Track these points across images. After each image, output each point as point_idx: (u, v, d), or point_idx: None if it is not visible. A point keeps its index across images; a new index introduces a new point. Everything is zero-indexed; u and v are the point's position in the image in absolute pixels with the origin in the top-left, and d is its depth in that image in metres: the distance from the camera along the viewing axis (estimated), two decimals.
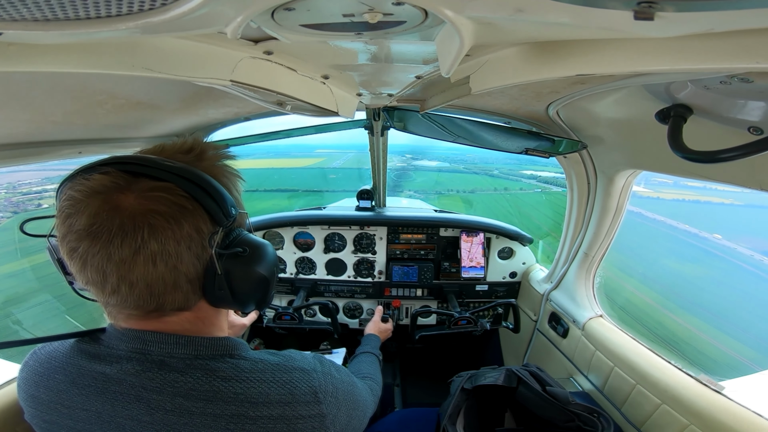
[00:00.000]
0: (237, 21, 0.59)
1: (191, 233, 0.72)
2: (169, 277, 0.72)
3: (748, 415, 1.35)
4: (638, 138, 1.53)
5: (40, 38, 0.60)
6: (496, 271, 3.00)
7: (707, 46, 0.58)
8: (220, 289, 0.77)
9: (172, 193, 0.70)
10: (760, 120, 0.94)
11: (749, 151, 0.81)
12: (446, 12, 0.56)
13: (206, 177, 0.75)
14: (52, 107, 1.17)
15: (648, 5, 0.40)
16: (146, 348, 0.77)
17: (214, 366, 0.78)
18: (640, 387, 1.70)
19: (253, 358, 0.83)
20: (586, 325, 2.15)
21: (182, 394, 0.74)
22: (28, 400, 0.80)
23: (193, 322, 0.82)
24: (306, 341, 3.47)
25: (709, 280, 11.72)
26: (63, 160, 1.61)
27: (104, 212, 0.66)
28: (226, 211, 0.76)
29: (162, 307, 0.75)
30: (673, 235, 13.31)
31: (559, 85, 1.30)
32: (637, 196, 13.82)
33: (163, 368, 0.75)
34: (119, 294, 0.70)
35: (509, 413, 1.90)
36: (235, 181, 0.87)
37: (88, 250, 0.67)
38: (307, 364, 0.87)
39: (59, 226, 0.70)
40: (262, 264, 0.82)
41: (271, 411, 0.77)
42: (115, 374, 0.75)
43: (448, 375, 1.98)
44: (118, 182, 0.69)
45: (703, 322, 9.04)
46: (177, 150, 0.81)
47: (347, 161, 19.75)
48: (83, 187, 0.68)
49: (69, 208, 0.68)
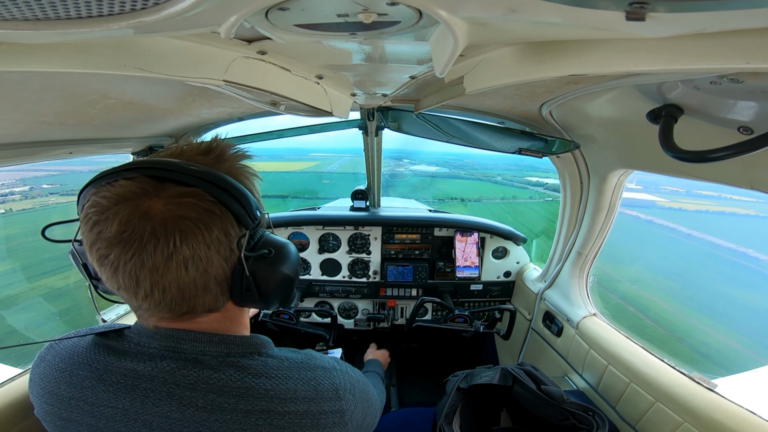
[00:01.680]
0: (230, 21, 0.59)
1: (220, 237, 0.73)
2: (200, 281, 0.73)
3: (740, 412, 1.36)
4: (630, 138, 1.54)
5: (31, 38, 0.59)
6: (491, 271, 3.01)
7: (698, 47, 0.58)
8: (247, 290, 0.79)
9: (200, 198, 0.71)
10: (749, 120, 0.95)
11: (739, 150, 0.82)
12: (440, 12, 0.56)
13: (231, 181, 0.76)
14: (43, 107, 1.16)
15: (640, 6, 0.40)
16: (180, 346, 0.78)
17: (245, 363, 0.80)
18: (634, 385, 1.71)
19: (279, 356, 0.85)
20: (580, 323, 2.16)
21: (215, 391, 0.75)
22: (44, 396, 0.79)
23: (222, 322, 0.84)
24: (301, 341, 3.47)
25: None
26: (54, 161, 1.60)
27: (135, 219, 0.66)
28: (252, 213, 0.77)
29: (193, 309, 0.76)
30: (726, 258, 11.43)
31: (553, 84, 1.31)
32: (657, 207, 12.76)
33: (197, 365, 0.77)
34: (152, 298, 0.71)
35: (505, 412, 1.90)
36: (254, 181, 0.88)
37: (120, 257, 0.67)
38: (327, 362, 0.90)
39: (86, 233, 0.70)
40: (287, 264, 0.84)
41: (298, 407, 0.79)
42: (148, 371, 0.76)
43: (444, 374, 1.98)
44: (146, 188, 0.69)
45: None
46: (196, 152, 0.81)
47: (342, 165, 19.34)
48: (110, 194, 0.68)
49: (96, 215, 0.68)
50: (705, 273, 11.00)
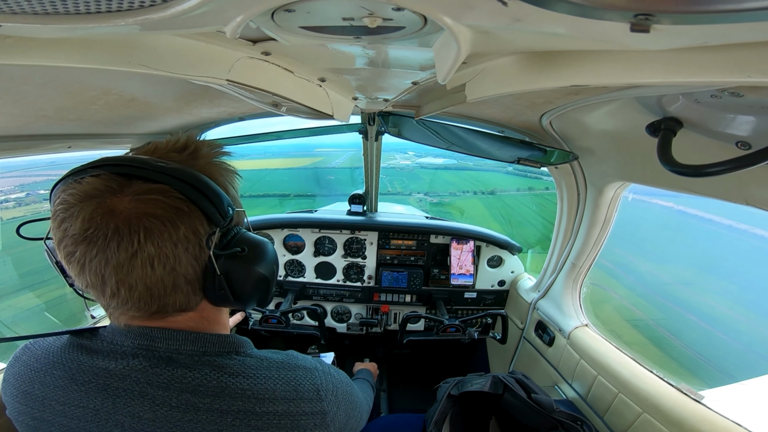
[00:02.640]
0: (237, 21, 0.59)
1: (188, 235, 0.72)
2: (168, 279, 0.71)
3: (726, 424, 1.37)
4: (628, 150, 1.55)
5: (38, 32, 0.59)
6: (485, 279, 3.01)
7: (700, 60, 0.59)
8: (220, 290, 0.77)
9: (167, 195, 0.70)
10: (748, 135, 0.96)
11: (736, 165, 0.82)
12: (445, 19, 0.57)
13: (201, 177, 0.75)
14: (43, 102, 1.16)
15: (645, 17, 0.40)
16: (153, 344, 0.76)
17: (221, 362, 0.78)
18: (622, 396, 1.72)
19: (258, 356, 0.84)
20: (571, 334, 2.17)
21: (190, 390, 0.74)
22: (17, 396, 0.78)
23: (197, 321, 0.82)
24: (293, 345, 3.44)
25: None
26: (51, 154, 1.59)
27: (98, 216, 0.65)
28: (222, 211, 0.76)
29: (164, 308, 0.75)
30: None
31: (554, 95, 1.32)
32: (683, 195, 11.71)
33: (171, 364, 0.75)
34: (119, 297, 0.70)
35: (494, 420, 1.90)
36: (232, 178, 0.86)
37: (85, 255, 0.66)
38: (309, 363, 0.88)
39: (54, 231, 0.69)
40: (262, 263, 0.82)
41: (277, 407, 0.77)
42: (120, 370, 0.74)
43: (435, 381, 1.98)
44: (111, 185, 0.68)
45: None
46: (170, 149, 0.80)
47: (346, 160, 18.98)
48: (76, 191, 0.67)
49: (63, 213, 0.67)
50: (761, 272, 9.41)
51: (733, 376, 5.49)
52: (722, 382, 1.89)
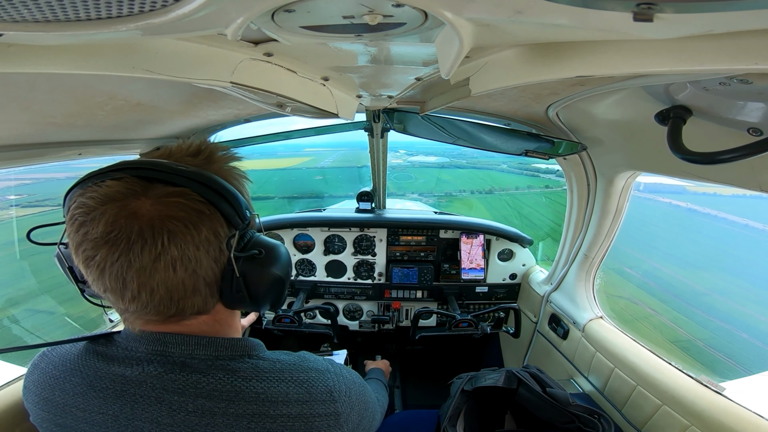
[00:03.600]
0: (237, 22, 0.59)
1: (209, 237, 0.73)
2: (189, 282, 0.72)
3: (748, 416, 1.35)
4: (638, 139, 1.53)
5: (41, 39, 0.60)
6: (496, 273, 3.00)
7: (706, 48, 0.58)
8: (237, 291, 0.78)
9: (189, 198, 0.71)
10: (759, 121, 0.94)
11: (749, 152, 0.81)
12: (446, 14, 0.56)
13: (220, 180, 0.76)
14: (52, 109, 1.17)
15: (647, 6, 0.40)
16: (167, 350, 0.77)
17: (234, 366, 0.79)
18: (640, 388, 1.70)
19: (270, 359, 0.84)
20: (586, 326, 2.15)
21: (205, 395, 0.75)
22: (39, 403, 0.80)
23: (211, 325, 0.83)
24: (305, 343, 3.47)
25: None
26: (63, 162, 1.61)
27: (122, 219, 0.66)
28: (241, 214, 0.77)
29: (182, 311, 0.76)
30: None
31: (559, 86, 1.30)
32: (690, 192, 9.91)
33: (185, 369, 0.76)
34: (140, 300, 0.71)
35: (509, 415, 1.89)
36: (243, 182, 0.88)
37: (107, 258, 0.67)
38: (321, 365, 0.89)
39: (72, 235, 0.69)
40: (278, 265, 0.83)
41: (290, 409, 0.78)
42: (136, 376, 0.75)
43: (448, 377, 1.98)
44: (134, 188, 0.68)
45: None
46: (184, 153, 0.81)
47: (336, 160, 18.39)
48: (96, 194, 0.67)
49: (82, 216, 0.67)
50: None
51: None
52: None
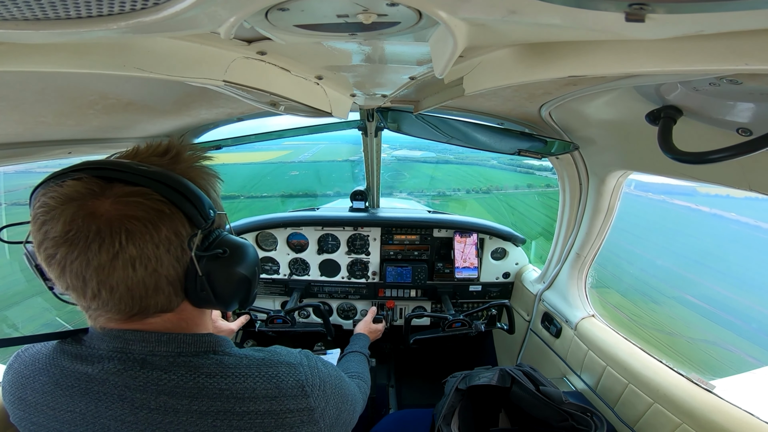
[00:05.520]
0: (230, 21, 0.58)
1: (170, 236, 0.72)
2: (149, 281, 0.72)
3: (739, 413, 1.36)
4: (629, 139, 1.54)
5: (31, 38, 0.59)
6: (490, 272, 3.01)
7: (697, 48, 0.58)
8: (201, 291, 0.78)
9: (148, 197, 0.70)
10: (748, 121, 0.95)
11: (738, 152, 0.82)
12: (440, 13, 0.56)
13: (182, 180, 0.75)
14: (42, 108, 1.16)
15: (639, 7, 0.40)
16: (127, 347, 0.77)
17: (197, 363, 0.78)
18: (632, 386, 1.72)
19: (237, 354, 0.84)
20: (578, 325, 2.17)
21: (167, 392, 0.74)
22: (15, 402, 0.80)
23: (176, 323, 0.82)
24: (300, 343, 3.46)
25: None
26: (52, 161, 1.60)
27: (80, 218, 0.66)
28: (204, 213, 0.76)
29: (145, 310, 0.76)
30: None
31: (552, 86, 1.31)
32: (701, 194, 9.14)
33: (145, 366, 0.76)
34: (100, 298, 0.71)
35: (503, 413, 1.90)
36: (213, 182, 0.87)
37: (66, 257, 0.67)
38: (293, 358, 0.88)
39: (34, 233, 0.69)
40: (243, 264, 0.83)
41: (258, 406, 0.77)
42: (98, 374, 0.75)
43: (443, 375, 1.98)
44: (93, 188, 0.68)
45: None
46: (151, 153, 0.81)
47: (315, 154, 17.62)
48: (57, 194, 0.68)
49: (43, 215, 0.67)
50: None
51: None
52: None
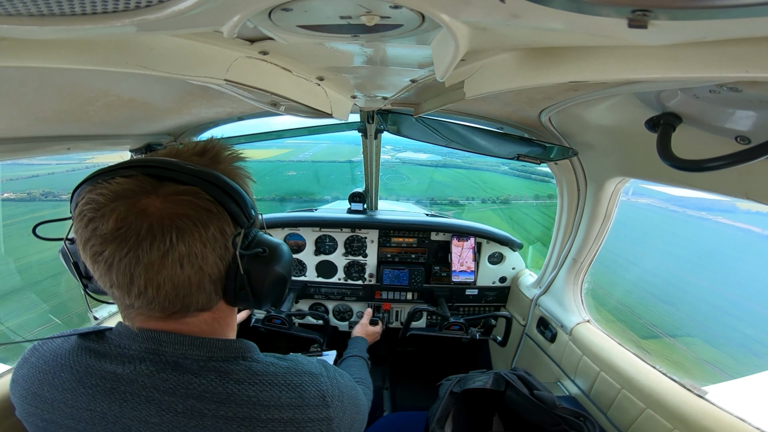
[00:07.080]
0: (234, 20, 0.59)
1: (216, 235, 0.74)
2: (195, 279, 0.73)
3: (730, 419, 1.37)
4: (628, 146, 1.55)
5: (35, 33, 0.59)
6: (486, 276, 3.01)
7: (698, 55, 0.58)
8: (241, 289, 0.79)
9: (198, 197, 0.72)
10: (747, 129, 0.96)
11: (736, 160, 0.82)
12: (442, 16, 0.57)
13: (228, 180, 0.77)
14: (42, 104, 1.16)
15: (642, 13, 0.40)
16: (160, 348, 0.77)
17: (227, 368, 0.79)
18: (625, 392, 1.72)
19: (264, 361, 0.84)
20: (573, 330, 2.17)
21: (195, 396, 0.75)
22: (27, 397, 0.79)
23: (210, 323, 0.83)
24: (295, 342, 3.44)
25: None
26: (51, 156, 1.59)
27: (132, 216, 0.67)
28: (247, 213, 0.78)
29: (186, 308, 0.76)
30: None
31: (552, 91, 1.31)
32: (724, 210, 8.95)
33: (177, 369, 0.76)
34: (146, 296, 0.71)
35: (497, 417, 1.90)
36: (248, 182, 0.89)
37: (115, 254, 0.67)
38: (315, 368, 0.89)
39: (80, 230, 0.70)
40: (281, 263, 0.84)
41: (282, 414, 0.78)
42: (127, 374, 0.75)
43: (438, 378, 1.98)
44: (145, 186, 0.69)
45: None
46: (192, 152, 0.82)
47: (316, 154, 17.27)
48: (107, 191, 0.68)
49: (91, 212, 0.68)
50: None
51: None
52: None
